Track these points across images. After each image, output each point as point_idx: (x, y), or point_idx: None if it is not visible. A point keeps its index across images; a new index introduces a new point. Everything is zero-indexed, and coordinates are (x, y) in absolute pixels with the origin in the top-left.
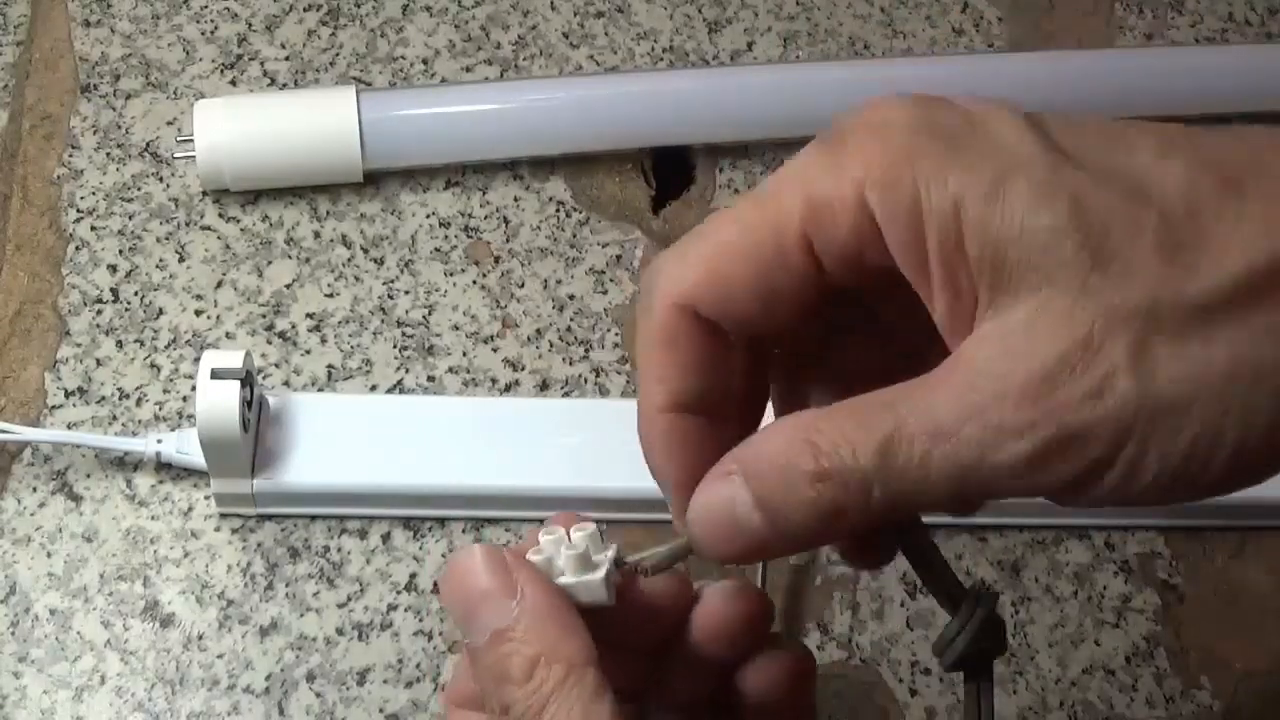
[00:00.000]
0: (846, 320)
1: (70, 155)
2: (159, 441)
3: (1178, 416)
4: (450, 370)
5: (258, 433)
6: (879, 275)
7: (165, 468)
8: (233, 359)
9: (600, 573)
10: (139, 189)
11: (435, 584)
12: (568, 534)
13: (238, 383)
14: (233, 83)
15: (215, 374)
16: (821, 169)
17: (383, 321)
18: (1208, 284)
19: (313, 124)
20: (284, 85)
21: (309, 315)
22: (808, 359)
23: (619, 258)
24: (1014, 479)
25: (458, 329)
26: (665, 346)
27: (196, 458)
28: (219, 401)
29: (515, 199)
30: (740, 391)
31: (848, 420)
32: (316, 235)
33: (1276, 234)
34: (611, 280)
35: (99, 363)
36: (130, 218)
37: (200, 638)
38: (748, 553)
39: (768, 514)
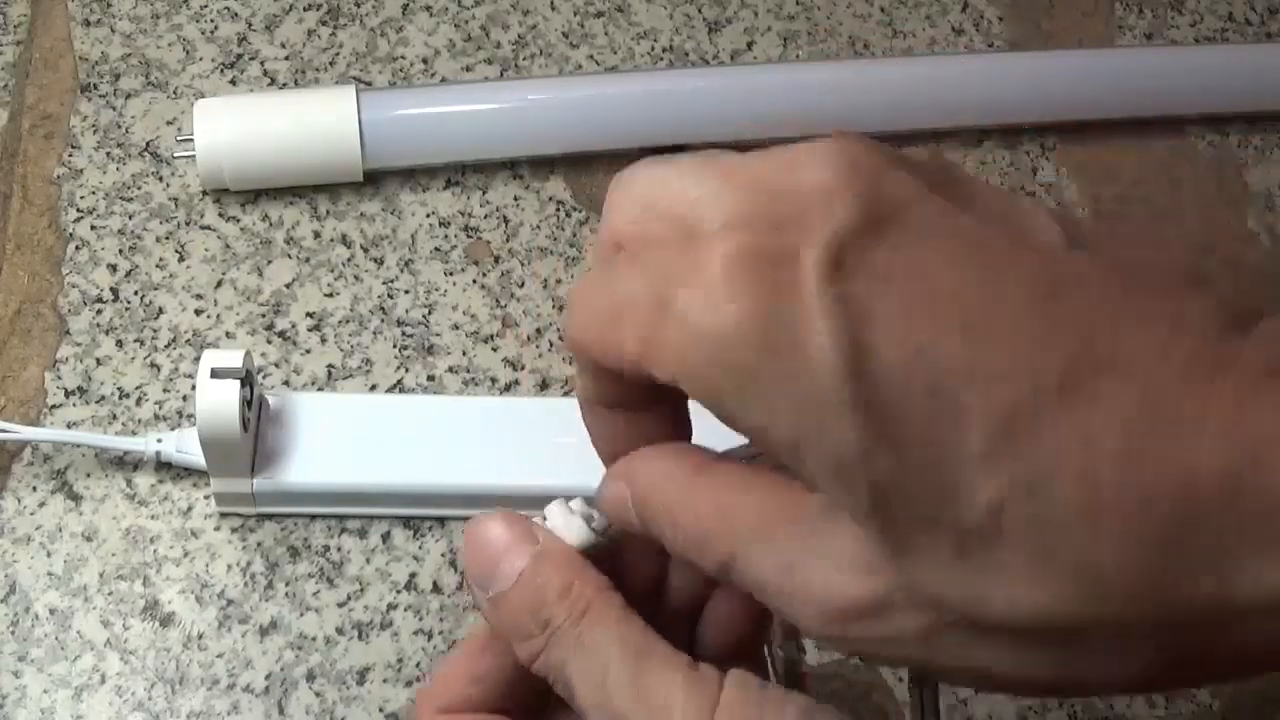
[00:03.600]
0: None
1: (70, 155)
2: (159, 441)
3: (953, 676)
4: (450, 370)
5: (258, 432)
6: None
7: (165, 467)
8: (233, 358)
9: (577, 517)
10: (139, 188)
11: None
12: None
13: (238, 382)
14: (233, 82)
15: (215, 373)
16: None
17: (383, 321)
18: (998, 614)
19: (313, 124)
20: (284, 85)
21: (309, 315)
22: None
23: None
24: None
25: (458, 328)
26: (582, 371)
27: (196, 457)
28: (219, 401)
29: (515, 198)
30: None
31: (709, 516)
32: (316, 235)
33: (1057, 595)
34: None
35: (99, 362)
36: (130, 217)
37: (200, 637)
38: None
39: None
